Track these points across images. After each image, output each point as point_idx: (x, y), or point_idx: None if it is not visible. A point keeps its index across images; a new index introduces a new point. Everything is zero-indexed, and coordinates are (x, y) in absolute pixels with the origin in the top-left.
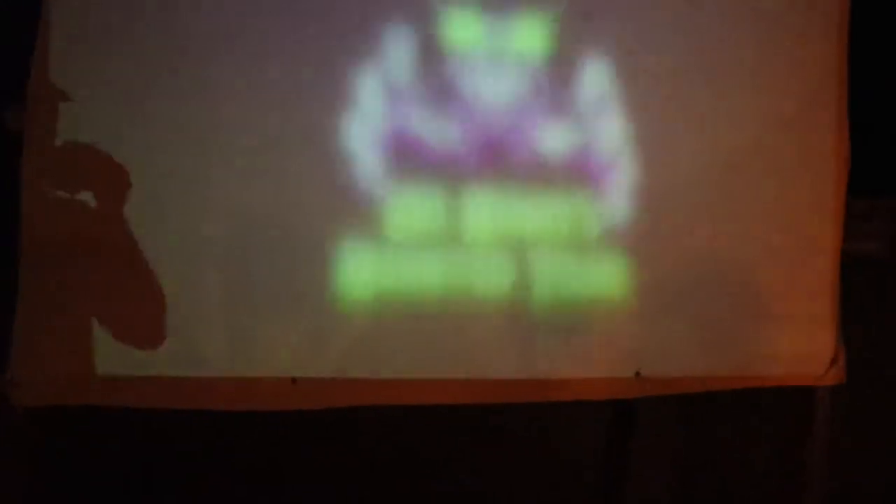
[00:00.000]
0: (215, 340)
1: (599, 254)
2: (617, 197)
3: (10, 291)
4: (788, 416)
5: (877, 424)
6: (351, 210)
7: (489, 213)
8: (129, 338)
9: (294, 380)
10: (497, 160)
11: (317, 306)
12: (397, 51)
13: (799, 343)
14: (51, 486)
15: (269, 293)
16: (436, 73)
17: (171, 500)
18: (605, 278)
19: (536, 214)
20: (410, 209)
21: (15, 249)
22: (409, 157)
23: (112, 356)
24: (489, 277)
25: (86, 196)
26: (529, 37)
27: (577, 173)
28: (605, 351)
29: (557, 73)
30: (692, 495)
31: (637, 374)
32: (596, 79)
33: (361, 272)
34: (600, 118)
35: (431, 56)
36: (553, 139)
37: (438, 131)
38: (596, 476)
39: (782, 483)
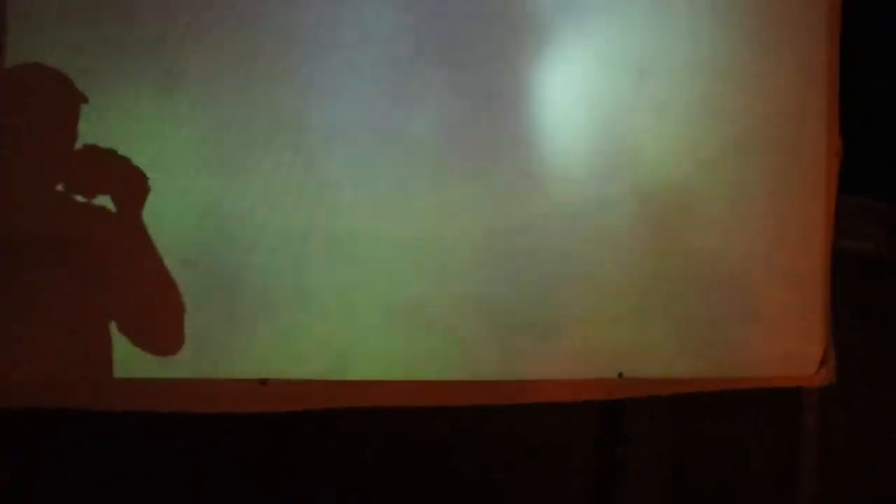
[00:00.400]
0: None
1: (582, 254)
2: (600, 196)
3: None
4: (779, 417)
5: (868, 423)
6: (322, 207)
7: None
8: (148, 344)
9: (264, 381)
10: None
11: (287, 306)
12: None
13: (788, 343)
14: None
15: (238, 293)
16: None
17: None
18: (588, 278)
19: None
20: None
21: None
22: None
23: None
24: (466, 276)
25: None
26: None
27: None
28: (587, 352)
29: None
30: (683, 499)
31: (620, 375)
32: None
33: (333, 270)
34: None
35: None
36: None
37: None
38: (585, 481)
39: (774, 486)
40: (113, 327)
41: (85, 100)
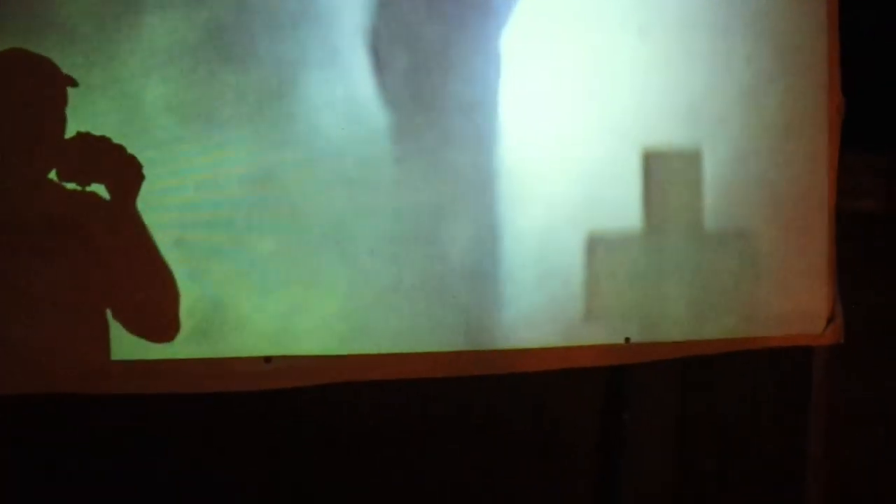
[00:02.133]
0: (183, 320)
1: (587, 218)
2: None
3: None
4: (787, 379)
5: (875, 381)
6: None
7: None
8: (144, 330)
9: (268, 359)
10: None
11: (289, 282)
12: None
13: (794, 302)
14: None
15: (240, 271)
16: None
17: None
18: (592, 244)
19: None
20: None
21: None
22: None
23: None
24: (470, 246)
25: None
26: None
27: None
28: (592, 318)
29: None
30: (690, 466)
31: (626, 339)
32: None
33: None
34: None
35: None
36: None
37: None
38: (591, 450)
39: (784, 450)
40: (108, 313)
41: (74, 83)
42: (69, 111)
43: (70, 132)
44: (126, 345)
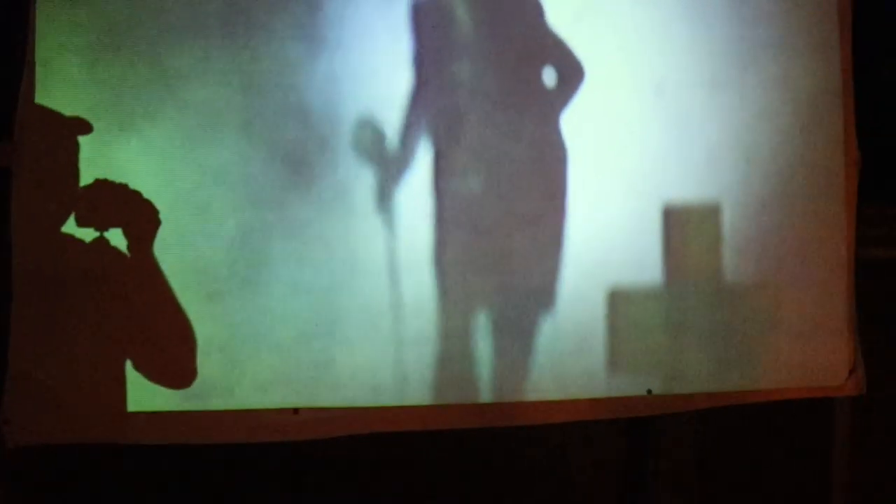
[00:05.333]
0: (215, 372)
1: (609, 271)
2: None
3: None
4: (809, 429)
5: None
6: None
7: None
8: (160, 377)
9: (296, 410)
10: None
11: (319, 334)
12: None
13: (815, 353)
14: None
15: (270, 323)
16: None
17: None
18: (615, 296)
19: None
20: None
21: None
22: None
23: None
24: (492, 296)
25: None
26: None
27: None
28: (614, 370)
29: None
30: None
31: (649, 391)
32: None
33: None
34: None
35: None
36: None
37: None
38: (612, 497)
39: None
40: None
41: (88, 130)
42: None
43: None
44: (161, 396)
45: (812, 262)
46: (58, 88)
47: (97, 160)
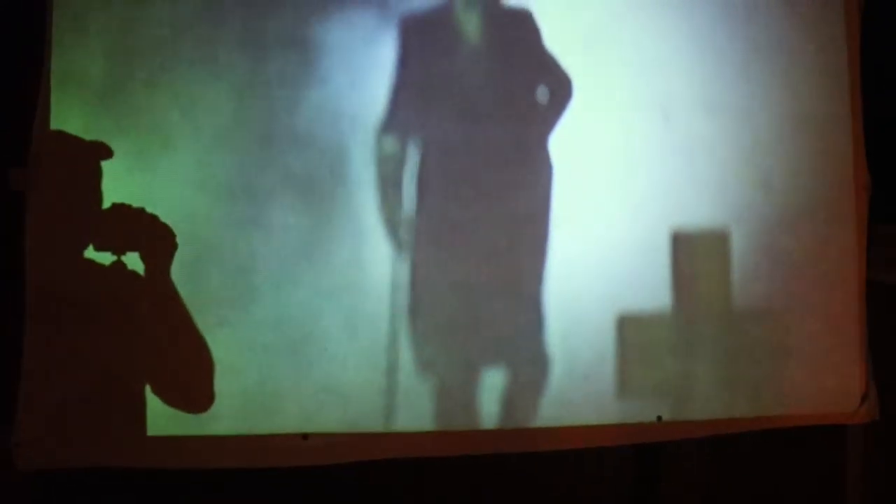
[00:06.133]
0: (224, 397)
1: (619, 297)
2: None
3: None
4: (822, 456)
5: None
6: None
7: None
8: (178, 402)
9: (305, 436)
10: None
11: (327, 360)
12: None
13: (827, 380)
14: None
15: (280, 348)
16: None
17: None
18: (625, 322)
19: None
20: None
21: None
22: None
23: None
24: (501, 322)
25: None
26: None
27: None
28: (624, 396)
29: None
30: None
31: (659, 418)
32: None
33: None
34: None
35: None
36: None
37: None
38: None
39: None
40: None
41: (109, 154)
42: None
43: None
44: (168, 420)
45: (823, 286)
46: (73, 115)
47: (113, 185)
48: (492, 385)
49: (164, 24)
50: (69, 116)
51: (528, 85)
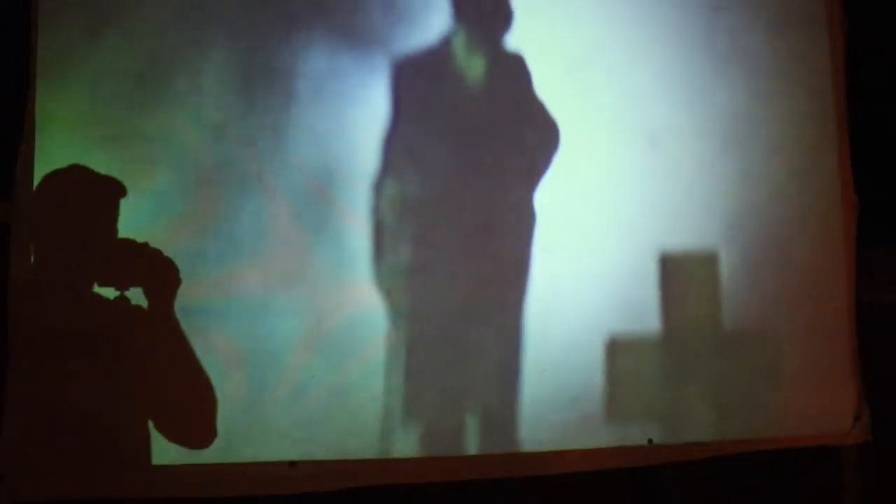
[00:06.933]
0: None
1: (608, 321)
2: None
3: None
4: (816, 477)
5: None
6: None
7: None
8: (180, 438)
9: (293, 463)
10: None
11: (315, 387)
12: None
13: (819, 401)
14: None
15: (266, 377)
16: None
17: None
18: (614, 345)
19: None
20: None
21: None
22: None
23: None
24: (491, 348)
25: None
26: None
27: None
28: (614, 419)
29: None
30: None
31: (650, 441)
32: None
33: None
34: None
35: None
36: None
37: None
38: None
39: None
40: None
41: (124, 192)
42: None
43: None
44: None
45: (813, 308)
46: (57, 149)
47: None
48: (480, 409)
49: (146, 60)
50: (53, 149)
51: (518, 132)
